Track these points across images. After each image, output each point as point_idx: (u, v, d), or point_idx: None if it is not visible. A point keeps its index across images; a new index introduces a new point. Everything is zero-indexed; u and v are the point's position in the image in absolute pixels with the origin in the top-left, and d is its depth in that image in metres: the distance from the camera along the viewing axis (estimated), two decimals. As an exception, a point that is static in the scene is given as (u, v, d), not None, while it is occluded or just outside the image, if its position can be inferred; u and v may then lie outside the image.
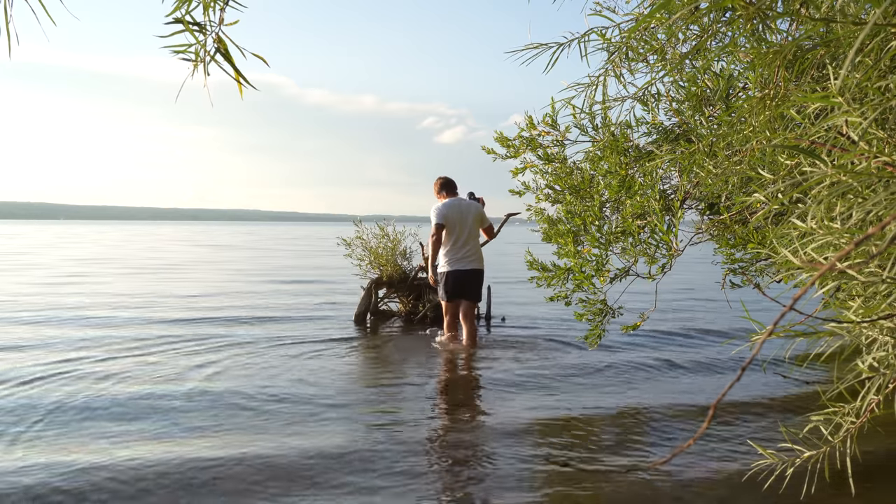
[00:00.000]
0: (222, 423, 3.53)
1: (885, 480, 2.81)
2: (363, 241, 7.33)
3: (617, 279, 3.28)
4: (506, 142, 3.83)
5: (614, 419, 3.69)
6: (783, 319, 0.81)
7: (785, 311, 0.78)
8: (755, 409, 3.87)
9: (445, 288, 5.75)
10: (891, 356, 1.49)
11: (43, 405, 3.80)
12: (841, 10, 1.46)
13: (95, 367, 4.80)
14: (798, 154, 1.56)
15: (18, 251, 22.61)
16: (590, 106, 2.97)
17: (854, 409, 1.71)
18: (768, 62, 1.69)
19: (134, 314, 7.61)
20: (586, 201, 3.45)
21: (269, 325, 6.89)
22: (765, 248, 2.50)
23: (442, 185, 5.95)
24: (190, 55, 1.62)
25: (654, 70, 2.80)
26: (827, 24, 1.53)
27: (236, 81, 1.65)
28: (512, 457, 3.07)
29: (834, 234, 1.36)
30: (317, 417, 3.65)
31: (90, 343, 5.76)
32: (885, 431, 3.27)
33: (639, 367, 5.04)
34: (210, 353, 5.37)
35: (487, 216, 6.02)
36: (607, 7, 3.02)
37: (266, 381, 4.47)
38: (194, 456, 3.00)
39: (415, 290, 7.40)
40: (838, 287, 1.57)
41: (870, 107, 1.29)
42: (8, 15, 1.41)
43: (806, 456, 1.80)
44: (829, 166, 1.31)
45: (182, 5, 1.55)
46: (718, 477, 2.82)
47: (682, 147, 2.73)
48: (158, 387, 4.26)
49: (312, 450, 3.12)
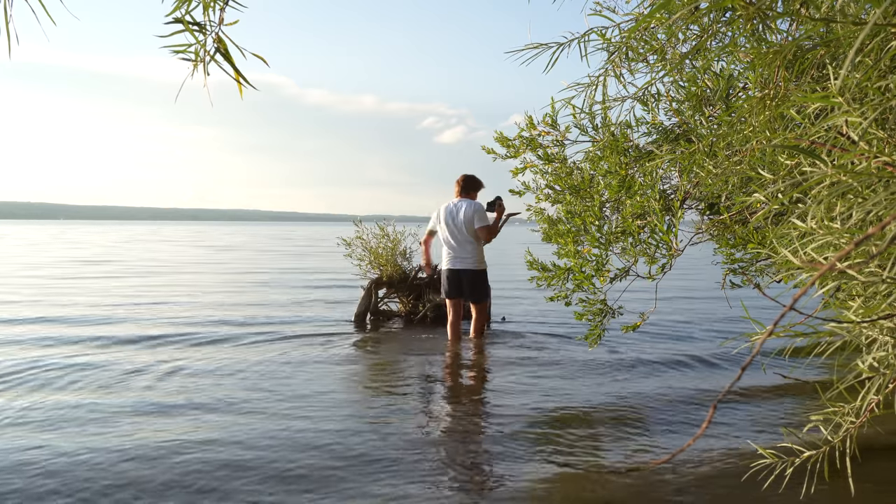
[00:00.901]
0: (223, 422, 3.53)
1: (885, 479, 2.81)
2: (363, 241, 7.33)
3: (617, 279, 3.28)
4: (506, 142, 3.83)
5: (614, 418, 3.69)
6: (783, 319, 0.81)
7: (785, 311, 0.78)
8: (755, 409, 3.87)
9: (441, 286, 6.13)
10: (891, 356, 1.49)
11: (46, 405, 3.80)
12: (841, 10, 1.46)
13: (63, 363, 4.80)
14: (798, 154, 1.56)
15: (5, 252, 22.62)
16: (590, 106, 2.97)
17: (854, 409, 1.71)
18: (768, 62, 1.69)
19: (126, 315, 7.62)
20: (586, 201, 3.45)
21: (269, 326, 6.89)
22: (765, 248, 2.50)
23: (457, 184, 6.18)
24: (190, 55, 1.62)
25: (654, 70, 2.80)
26: (827, 24, 1.53)
27: (236, 81, 1.65)
28: (511, 456, 3.07)
29: (834, 234, 1.36)
30: (317, 416, 3.65)
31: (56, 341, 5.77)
32: (886, 431, 3.27)
33: (638, 366, 5.04)
34: (211, 354, 5.38)
35: (489, 218, 6.02)
36: (607, 7, 3.01)
37: (265, 380, 4.48)
38: (196, 457, 3.01)
39: (415, 290, 7.40)
40: (838, 287, 1.57)
41: (870, 107, 1.29)
42: (8, 15, 1.41)
43: (806, 456, 1.80)
44: (829, 166, 1.31)
45: (182, 5, 1.55)
46: (718, 477, 2.82)
47: (682, 147, 2.73)
48: (161, 387, 4.26)
49: (311, 448, 3.12)
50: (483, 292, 6.01)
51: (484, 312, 6.18)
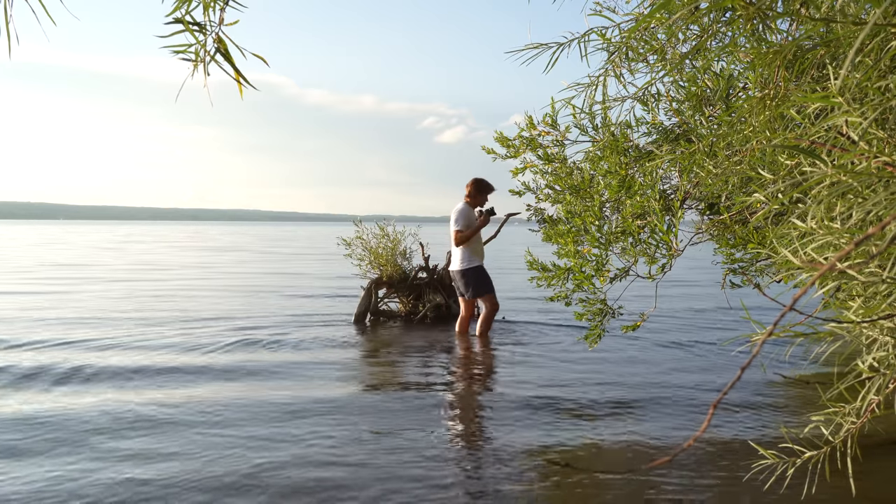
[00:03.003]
0: (221, 420, 3.53)
1: (885, 480, 2.81)
2: (363, 241, 7.33)
3: (617, 279, 3.28)
4: (506, 142, 3.83)
5: (614, 418, 3.69)
6: (783, 319, 0.81)
7: (785, 311, 0.78)
8: (756, 409, 3.87)
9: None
10: (891, 356, 1.49)
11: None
12: (841, 10, 1.46)
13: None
14: (798, 154, 1.56)
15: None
16: (590, 106, 2.97)
17: (854, 409, 1.71)
18: (768, 62, 1.69)
19: (116, 316, 7.62)
20: (586, 201, 3.45)
21: (269, 326, 6.89)
22: (765, 248, 2.50)
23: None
24: (190, 55, 1.62)
25: (654, 70, 2.80)
26: (827, 24, 1.53)
27: (236, 81, 1.65)
28: (510, 456, 3.07)
29: (834, 234, 1.36)
30: (316, 416, 3.65)
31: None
32: (886, 432, 3.27)
33: (638, 365, 5.04)
34: (210, 354, 5.38)
35: (471, 221, 6.15)
36: (607, 7, 3.02)
37: (264, 380, 4.48)
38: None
39: (415, 290, 7.40)
40: (838, 287, 1.57)
41: (870, 107, 1.29)
42: (8, 15, 1.41)
43: (806, 456, 1.80)
44: (829, 166, 1.31)
45: (182, 5, 1.55)
46: (719, 477, 2.82)
47: (682, 147, 2.73)
48: (168, 386, 4.27)
49: (310, 440, 3.12)
50: (475, 289, 6.14)
51: (488, 309, 6.26)
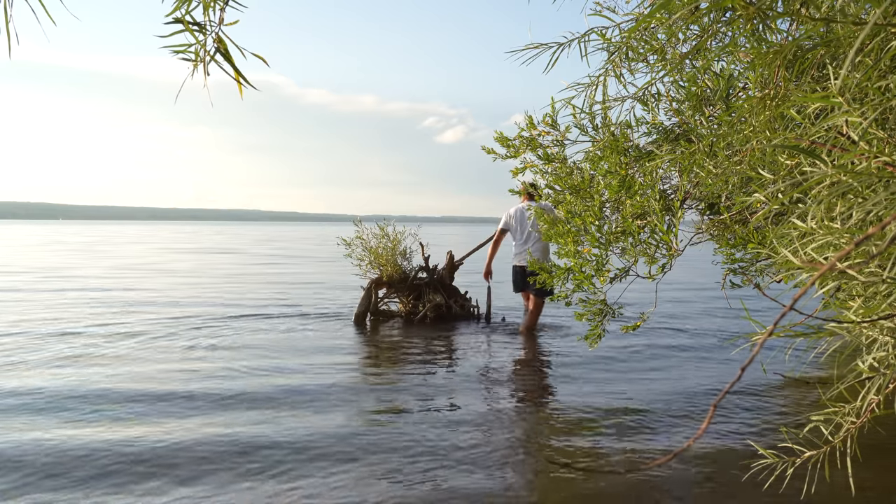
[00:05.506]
0: (221, 420, 3.53)
1: (885, 479, 2.81)
2: (363, 241, 7.33)
3: (617, 279, 3.28)
4: (506, 142, 3.82)
5: (614, 418, 3.69)
6: (783, 319, 0.81)
7: (785, 311, 0.78)
8: (755, 409, 3.87)
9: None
10: (891, 356, 1.49)
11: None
12: (841, 10, 1.46)
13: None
14: (798, 154, 1.56)
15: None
16: (590, 106, 2.97)
17: (854, 409, 1.71)
18: (768, 62, 1.69)
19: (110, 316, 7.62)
20: (586, 201, 3.45)
21: (268, 326, 6.89)
22: (765, 248, 2.50)
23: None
24: (190, 55, 1.62)
25: (654, 70, 2.79)
26: (827, 24, 1.53)
27: (236, 81, 1.65)
28: (510, 456, 3.07)
29: (834, 234, 1.36)
30: (315, 414, 3.65)
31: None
32: (886, 431, 3.27)
33: (638, 365, 5.04)
34: (211, 353, 5.38)
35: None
36: (607, 7, 3.01)
37: (264, 380, 4.48)
38: (204, 438, 3.01)
39: (415, 290, 7.40)
40: (838, 287, 1.57)
41: (870, 107, 1.29)
42: (8, 15, 1.41)
43: (806, 456, 1.80)
44: (829, 166, 1.31)
45: (182, 5, 1.55)
46: (719, 477, 2.82)
47: (682, 147, 2.73)
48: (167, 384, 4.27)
49: (309, 438, 3.13)
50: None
51: (538, 309, 6.59)
